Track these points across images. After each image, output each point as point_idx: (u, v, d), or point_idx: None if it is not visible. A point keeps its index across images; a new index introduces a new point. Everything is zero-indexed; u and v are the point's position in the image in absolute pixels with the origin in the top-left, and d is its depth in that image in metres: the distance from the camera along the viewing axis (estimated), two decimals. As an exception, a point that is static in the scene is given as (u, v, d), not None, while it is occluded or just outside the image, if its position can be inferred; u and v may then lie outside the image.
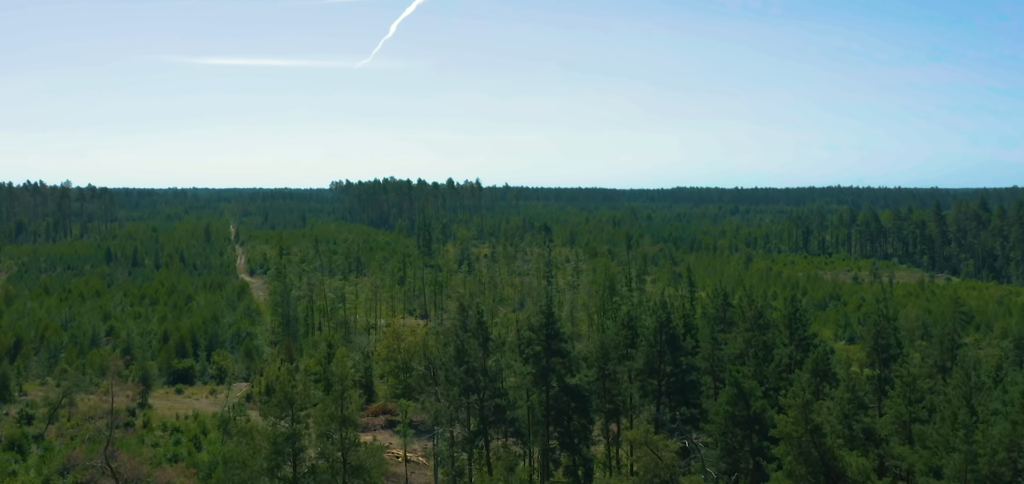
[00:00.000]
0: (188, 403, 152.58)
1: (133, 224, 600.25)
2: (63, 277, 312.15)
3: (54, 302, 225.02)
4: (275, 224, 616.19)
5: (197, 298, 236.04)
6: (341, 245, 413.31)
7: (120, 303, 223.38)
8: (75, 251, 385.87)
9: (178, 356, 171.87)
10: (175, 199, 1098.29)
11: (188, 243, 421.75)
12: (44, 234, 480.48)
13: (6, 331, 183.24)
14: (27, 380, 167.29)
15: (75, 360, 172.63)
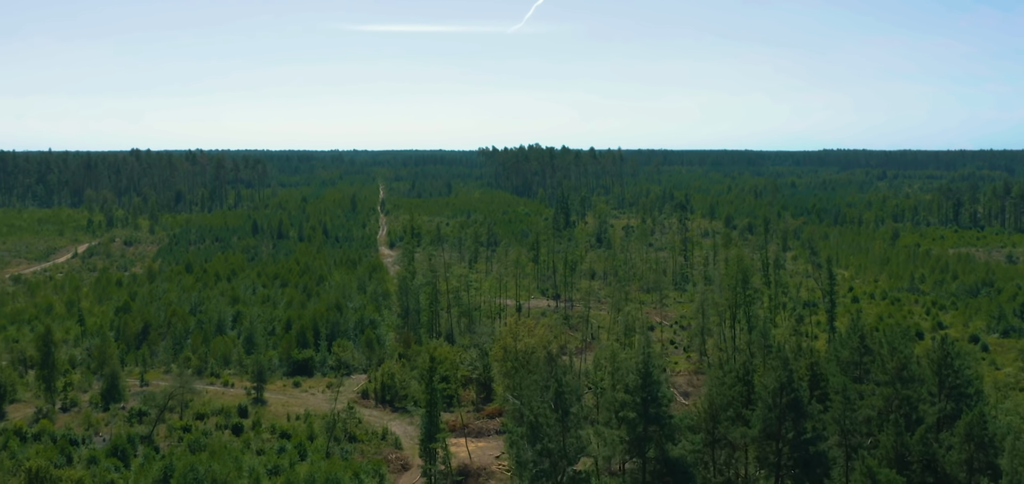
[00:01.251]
0: (303, 399, 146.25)
1: (286, 191, 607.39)
2: (208, 251, 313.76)
3: (190, 282, 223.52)
4: (421, 192, 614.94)
5: (329, 278, 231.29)
6: (479, 215, 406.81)
7: (251, 285, 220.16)
8: (225, 222, 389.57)
9: (299, 346, 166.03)
10: (332, 163, 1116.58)
11: (333, 213, 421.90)
12: (200, 204, 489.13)
13: (135, 317, 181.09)
14: (153, 367, 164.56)
15: (200, 348, 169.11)
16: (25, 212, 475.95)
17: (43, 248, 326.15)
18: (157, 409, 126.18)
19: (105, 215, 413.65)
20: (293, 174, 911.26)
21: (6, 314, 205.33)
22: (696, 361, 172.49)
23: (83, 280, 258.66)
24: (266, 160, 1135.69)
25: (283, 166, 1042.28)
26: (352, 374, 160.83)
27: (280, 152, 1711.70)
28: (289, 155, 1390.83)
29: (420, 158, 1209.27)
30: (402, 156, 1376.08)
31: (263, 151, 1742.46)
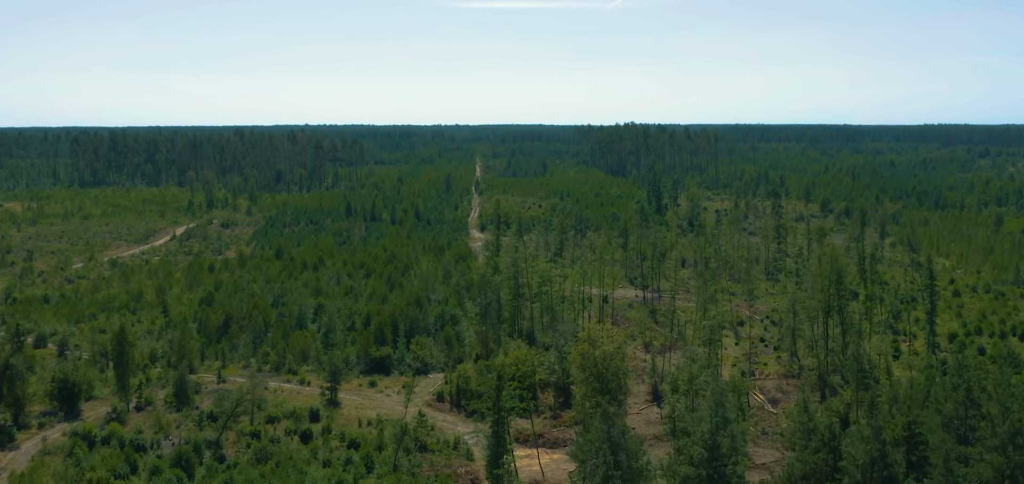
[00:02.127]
0: (376, 401, 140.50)
1: (384, 170, 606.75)
2: (301, 233, 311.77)
3: (275, 271, 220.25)
4: (516, 171, 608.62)
5: (414, 267, 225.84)
6: (571, 198, 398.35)
7: (336, 275, 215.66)
8: (320, 204, 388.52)
9: (377, 343, 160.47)
10: (432, 139, 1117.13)
11: (426, 194, 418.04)
12: (299, 183, 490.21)
13: (218, 309, 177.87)
14: (232, 361, 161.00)
15: (279, 343, 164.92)
16: (133, 191, 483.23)
17: (143, 230, 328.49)
18: (225, 416, 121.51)
19: (206, 196, 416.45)
20: (394, 150, 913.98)
21: (97, 301, 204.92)
22: (786, 362, 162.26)
23: (178, 264, 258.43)
24: (369, 136, 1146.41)
25: (385, 142, 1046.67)
26: (430, 373, 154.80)
27: (384, 127, 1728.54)
28: (392, 130, 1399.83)
29: (519, 134, 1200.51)
30: (501, 131, 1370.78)
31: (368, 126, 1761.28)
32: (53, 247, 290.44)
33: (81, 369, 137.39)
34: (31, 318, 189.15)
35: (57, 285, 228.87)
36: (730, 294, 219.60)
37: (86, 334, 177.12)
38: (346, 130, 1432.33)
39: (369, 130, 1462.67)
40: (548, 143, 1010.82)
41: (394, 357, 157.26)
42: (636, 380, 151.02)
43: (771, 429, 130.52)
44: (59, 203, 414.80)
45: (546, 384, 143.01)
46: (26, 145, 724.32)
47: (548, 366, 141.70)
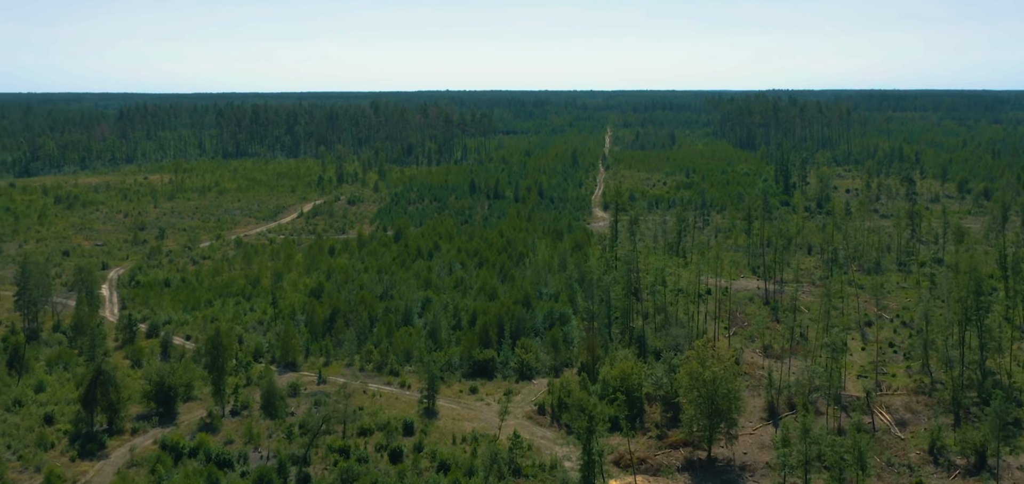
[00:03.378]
0: (475, 411, 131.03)
1: (514, 141, 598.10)
2: (424, 212, 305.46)
3: (389, 260, 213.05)
4: (645, 143, 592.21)
5: (530, 256, 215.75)
6: (697, 175, 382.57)
7: (448, 264, 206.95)
8: (446, 180, 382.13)
9: (481, 344, 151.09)
10: (565, 108, 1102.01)
11: (551, 170, 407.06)
12: (428, 157, 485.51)
13: (325, 303, 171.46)
14: (336, 358, 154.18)
15: (383, 340, 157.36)
16: (270, 163, 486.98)
17: (273, 206, 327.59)
18: (311, 434, 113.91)
19: (336, 170, 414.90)
20: (527, 119, 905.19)
21: (216, 285, 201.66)
22: (917, 376, 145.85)
23: (301, 244, 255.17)
24: (504, 103, 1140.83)
25: (519, 111, 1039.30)
26: (534, 378, 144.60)
27: (520, 93, 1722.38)
28: (527, 98, 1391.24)
29: (650, 101, 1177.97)
30: (634, 99, 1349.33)
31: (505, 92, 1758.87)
32: (185, 224, 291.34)
33: (178, 371, 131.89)
34: (149, 305, 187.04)
35: (181, 266, 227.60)
36: (858, 288, 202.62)
37: (198, 324, 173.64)
38: (484, 96, 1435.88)
39: (505, 96, 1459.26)
40: (679, 112, 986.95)
41: (498, 360, 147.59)
42: (752, 391, 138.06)
43: (897, 460, 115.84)
44: (199, 176, 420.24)
45: (653, 398, 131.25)
46: (177, 115, 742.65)
47: (655, 381, 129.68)
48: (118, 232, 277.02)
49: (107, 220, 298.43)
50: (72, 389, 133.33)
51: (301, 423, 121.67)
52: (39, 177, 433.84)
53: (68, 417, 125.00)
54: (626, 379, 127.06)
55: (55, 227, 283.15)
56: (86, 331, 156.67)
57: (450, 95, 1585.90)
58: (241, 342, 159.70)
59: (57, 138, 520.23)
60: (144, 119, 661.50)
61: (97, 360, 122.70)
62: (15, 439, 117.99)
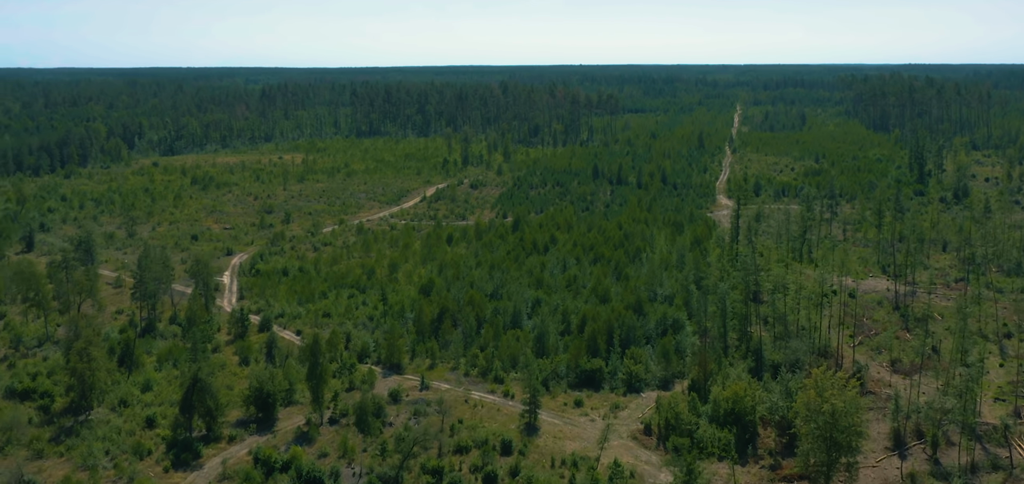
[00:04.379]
0: (579, 428, 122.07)
1: (640, 120, 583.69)
2: (546, 197, 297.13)
3: (503, 255, 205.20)
4: (774, 124, 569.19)
5: (646, 251, 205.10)
6: (827, 160, 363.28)
7: (561, 261, 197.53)
8: (569, 163, 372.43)
9: (589, 352, 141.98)
10: (696, 85, 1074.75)
11: (676, 153, 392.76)
12: (553, 138, 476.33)
13: (433, 301, 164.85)
14: (442, 360, 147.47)
15: (490, 343, 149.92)
16: (401, 143, 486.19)
17: (397, 190, 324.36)
18: (403, 453, 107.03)
19: (462, 152, 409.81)
20: (657, 96, 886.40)
21: (333, 275, 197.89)
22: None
23: (420, 230, 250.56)
24: (635, 79, 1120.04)
25: (648, 88, 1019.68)
26: (643, 391, 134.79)
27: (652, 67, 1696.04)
28: (657, 73, 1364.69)
29: (782, 77, 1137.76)
30: (765, 75, 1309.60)
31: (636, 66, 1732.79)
32: (311, 208, 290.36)
33: (278, 378, 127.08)
34: (264, 295, 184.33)
35: (302, 253, 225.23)
36: (997, 293, 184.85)
37: (309, 318, 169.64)
38: (615, 71, 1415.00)
39: (636, 72, 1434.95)
40: (810, 89, 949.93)
41: (606, 371, 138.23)
42: (877, 414, 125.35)
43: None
44: (330, 156, 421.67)
45: (768, 421, 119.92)
46: (317, 92, 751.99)
47: (770, 405, 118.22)
48: (247, 215, 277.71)
49: (238, 202, 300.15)
50: (177, 389, 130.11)
51: (398, 436, 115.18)
52: (181, 156, 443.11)
53: (169, 420, 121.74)
54: (738, 401, 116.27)
55: (188, 209, 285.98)
56: (197, 326, 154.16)
57: (582, 70, 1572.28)
58: (349, 341, 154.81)
59: (200, 117, 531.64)
60: (284, 97, 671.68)
61: (194, 366, 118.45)
62: (115, 444, 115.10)
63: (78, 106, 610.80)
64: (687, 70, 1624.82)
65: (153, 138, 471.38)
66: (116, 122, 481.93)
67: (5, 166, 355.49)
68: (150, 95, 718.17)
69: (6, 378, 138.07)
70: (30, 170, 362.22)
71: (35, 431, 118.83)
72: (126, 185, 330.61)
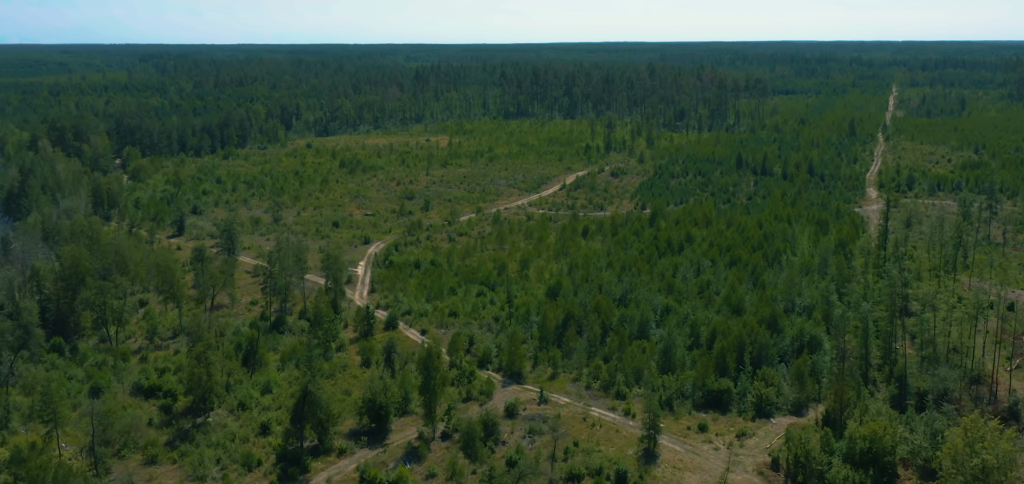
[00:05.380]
0: (702, 458, 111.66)
1: (790, 103, 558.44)
2: (687, 188, 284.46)
3: (635, 254, 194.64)
4: (931, 109, 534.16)
5: (786, 254, 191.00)
6: (987, 151, 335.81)
7: (695, 264, 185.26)
8: (713, 151, 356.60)
9: (717, 371, 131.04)
10: (850, 65, 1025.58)
11: (825, 142, 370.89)
12: (698, 123, 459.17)
13: (558, 306, 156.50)
14: (564, 370, 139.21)
15: (615, 354, 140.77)
16: (546, 126, 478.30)
17: (537, 177, 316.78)
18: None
19: (604, 137, 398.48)
20: (808, 77, 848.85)
21: (463, 270, 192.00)
22: None
23: (556, 221, 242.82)
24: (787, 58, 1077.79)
25: (800, 68, 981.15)
26: (773, 417, 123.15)
27: (804, 44, 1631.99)
28: (810, 50, 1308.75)
29: (942, 56, 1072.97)
30: (924, 52, 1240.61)
31: (789, 42, 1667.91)
32: (450, 194, 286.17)
33: (392, 389, 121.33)
34: (394, 290, 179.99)
35: (436, 244, 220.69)
36: None
37: (435, 317, 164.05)
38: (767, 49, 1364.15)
39: (788, 49, 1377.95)
40: (971, 70, 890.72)
41: (734, 392, 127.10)
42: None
43: None
44: (475, 139, 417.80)
45: (909, 464, 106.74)
46: (469, 73, 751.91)
47: (913, 447, 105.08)
48: (388, 201, 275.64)
49: (381, 187, 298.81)
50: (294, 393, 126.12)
51: (508, 458, 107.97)
52: (334, 137, 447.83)
53: (283, 427, 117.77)
54: (876, 441, 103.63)
55: (334, 193, 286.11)
56: (321, 327, 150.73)
57: (734, 47, 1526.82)
58: (471, 345, 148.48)
59: (355, 98, 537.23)
60: (437, 77, 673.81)
61: (306, 378, 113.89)
62: (227, 452, 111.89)
63: (244, 86, 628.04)
64: (842, 48, 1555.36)
65: (309, 119, 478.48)
66: (275, 103, 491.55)
67: (170, 147, 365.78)
68: (312, 75, 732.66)
69: (135, 372, 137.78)
70: (193, 150, 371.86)
71: (153, 433, 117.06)
72: (278, 167, 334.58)
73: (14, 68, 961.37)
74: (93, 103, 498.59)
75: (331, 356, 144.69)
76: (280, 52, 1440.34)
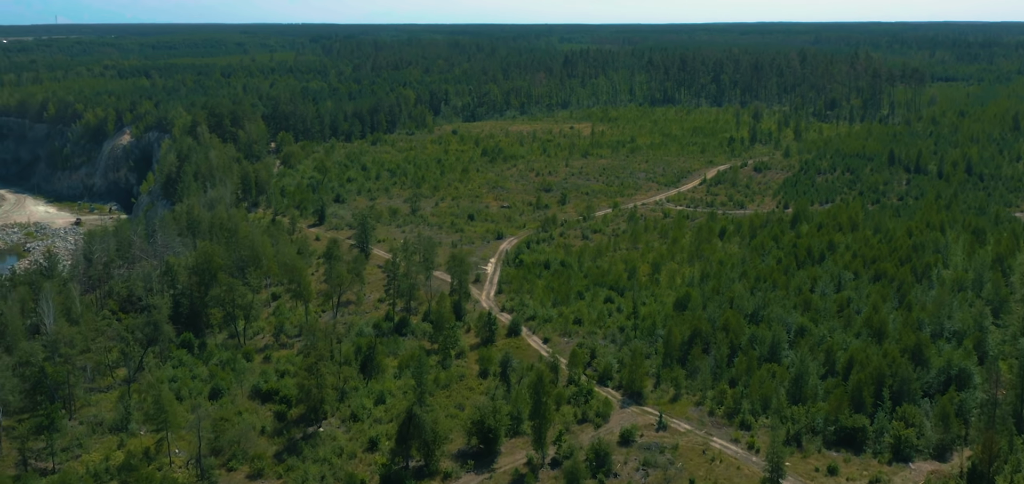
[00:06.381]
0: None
1: (950, 92, 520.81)
2: (833, 186, 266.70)
3: (771, 263, 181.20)
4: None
5: (936, 268, 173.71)
6: None
7: (835, 277, 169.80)
8: (864, 145, 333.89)
9: (852, 406, 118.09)
10: (1015, 50, 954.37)
11: (985, 137, 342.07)
12: (850, 113, 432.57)
13: (685, 321, 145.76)
14: (687, 391, 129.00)
15: (742, 377, 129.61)
16: (692, 114, 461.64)
17: (677, 170, 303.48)
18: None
19: (750, 129, 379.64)
20: (970, 62, 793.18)
21: (593, 273, 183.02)
22: None
23: (693, 219, 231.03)
24: (947, 41, 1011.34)
25: (961, 52, 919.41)
26: (912, 460, 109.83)
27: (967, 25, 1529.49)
28: (973, 31, 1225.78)
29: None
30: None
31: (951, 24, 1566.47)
32: (588, 187, 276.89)
33: (502, 412, 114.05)
34: (521, 292, 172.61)
35: (569, 241, 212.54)
36: None
37: (560, 324, 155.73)
38: (928, 30, 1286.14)
39: (950, 31, 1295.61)
40: None
41: (870, 430, 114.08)
42: None
43: None
44: (619, 127, 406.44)
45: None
46: (617, 58, 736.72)
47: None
48: (526, 193, 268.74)
49: (520, 178, 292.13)
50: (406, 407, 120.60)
51: None
52: (481, 122, 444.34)
53: (391, 444, 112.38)
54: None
55: (473, 183, 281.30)
56: (442, 332, 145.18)
57: (892, 28, 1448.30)
58: (593, 358, 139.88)
59: (502, 84, 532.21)
60: (585, 61, 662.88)
61: (411, 399, 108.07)
62: (332, 469, 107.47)
63: (399, 69, 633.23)
64: (1008, 30, 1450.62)
65: (457, 104, 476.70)
66: (425, 88, 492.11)
67: (322, 132, 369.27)
68: (464, 59, 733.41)
69: (256, 373, 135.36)
70: (343, 136, 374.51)
71: (264, 443, 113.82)
72: (422, 154, 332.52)
73: (196, 49, 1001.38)
74: (259, 85, 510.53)
75: (449, 364, 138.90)
76: (441, 33, 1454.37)
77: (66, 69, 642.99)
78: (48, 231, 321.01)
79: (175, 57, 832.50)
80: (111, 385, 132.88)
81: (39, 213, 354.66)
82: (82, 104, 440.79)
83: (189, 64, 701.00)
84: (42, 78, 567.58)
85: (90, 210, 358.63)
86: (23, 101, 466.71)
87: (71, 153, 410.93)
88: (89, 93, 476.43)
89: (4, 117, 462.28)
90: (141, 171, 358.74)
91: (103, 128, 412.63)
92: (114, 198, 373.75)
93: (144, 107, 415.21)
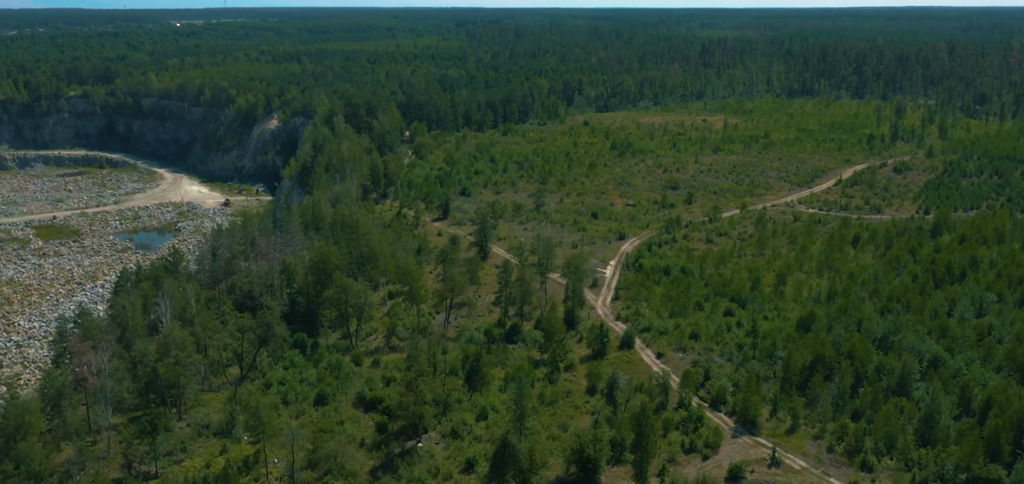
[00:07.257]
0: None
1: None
2: (979, 191, 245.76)
3: (906, 281, 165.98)
4: None
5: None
6: None
7: (975, 301, 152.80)
8: (1014, 145, 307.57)
9: (988, 453, 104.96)
10: None
11: None
12: (1000, 110, 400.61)
13: (807, 345, 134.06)
14: (806, 423, 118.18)
15: (866, 411, 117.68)
16: (831, 106, 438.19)
17: (811, 169, 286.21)
18: None
19: (891, 125, 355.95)
20: None
21: (715, 282, 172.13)
22: None
23: (825, 224, 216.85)
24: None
25: None
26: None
27: None
28: None
29: None
30: None
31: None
32: (717, 186, 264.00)
33: (602, 441, 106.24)
34: (638, 300, 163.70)
35: (693, 244, 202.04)
36: None
37: (675, 338, 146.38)
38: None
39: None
40: None
41: (1006, 482, 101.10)
42: None
43: None
44: (753, 121, 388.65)
45: None
46: (756, 47, 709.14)
47: None
48: (651, 191, 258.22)
49: (647, 174, 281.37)
50: (506, 426, 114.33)
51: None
52: (613, 113, 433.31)
53: (487, 467, 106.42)
54: None
55: (599, 179, 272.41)
56: (553, 342, 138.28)
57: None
58: (706, 379, 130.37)
59: (636, 74, 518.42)
60: (723, 51, 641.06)
61: (507, 426, 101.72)
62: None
63: (536, 57, 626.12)
64: None
65: (590, 94, 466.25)
66: (559, 78, 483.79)
67: (455, 121, 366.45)
68: (601, 47, 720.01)
69: (363, 379, 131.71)
70: (475, 125, 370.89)
71: (362, 457, 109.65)
72: (552, 147, 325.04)
73: (347, 33, 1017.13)
74: (400, 72, 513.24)
75: (557, 379, 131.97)
76: (583, 17, 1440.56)
77: (225, 54, 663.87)
78: (198, 211, 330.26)
79: (327, 42, 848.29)
80: (223, 384, 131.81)
81: (192, 193, 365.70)
82: (235, 89, 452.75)
83: (338, 50, 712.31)
84: (203, 63, 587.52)
85: (239, 191, 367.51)
86: (182, 85, 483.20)
87: (224, 136, 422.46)
88: (243, 78, 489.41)
89: (165, 101, 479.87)
90: (287, 154, 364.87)
91: (253, 112, 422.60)
92: (261, 180, 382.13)
93: (291, 93, 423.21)
